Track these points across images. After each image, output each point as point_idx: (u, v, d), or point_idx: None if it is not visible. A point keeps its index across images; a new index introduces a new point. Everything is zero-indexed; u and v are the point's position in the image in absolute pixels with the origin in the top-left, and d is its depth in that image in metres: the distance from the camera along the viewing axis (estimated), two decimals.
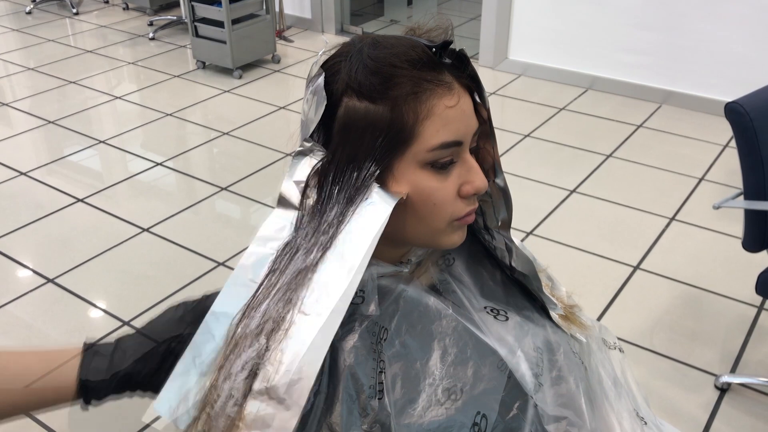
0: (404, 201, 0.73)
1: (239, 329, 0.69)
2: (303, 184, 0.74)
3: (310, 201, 0.73)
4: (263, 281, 0.71)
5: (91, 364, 0.72)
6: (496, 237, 0.86)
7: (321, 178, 0.73)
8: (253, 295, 0.70)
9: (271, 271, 0.71)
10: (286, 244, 0.72)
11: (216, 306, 0.70)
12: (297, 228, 0.73)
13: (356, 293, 0.75)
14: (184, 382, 0.70)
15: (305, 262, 0.70)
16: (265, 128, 3.70)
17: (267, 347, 0.66)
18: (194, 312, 0.74)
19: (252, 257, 0.72)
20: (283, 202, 0.74)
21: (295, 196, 0.74)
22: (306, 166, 0.74)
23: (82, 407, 0.73)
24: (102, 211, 2.98)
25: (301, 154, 0.75)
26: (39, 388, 0.71)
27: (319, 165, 0.73)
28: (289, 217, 0.74)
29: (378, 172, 0.72)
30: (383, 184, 0.73)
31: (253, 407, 0.65)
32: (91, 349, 0.72)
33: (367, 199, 0.71)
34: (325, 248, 0.70)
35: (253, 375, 0.66)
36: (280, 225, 0.74)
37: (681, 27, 3.65)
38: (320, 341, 0.65)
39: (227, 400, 0.65)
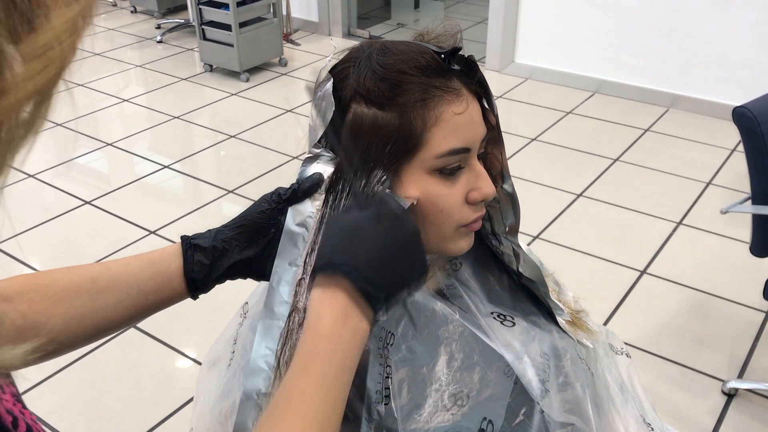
0: (412, 207, 0.73)
1: (282, 361, 0.71)
2: (318, 191, 0.75)
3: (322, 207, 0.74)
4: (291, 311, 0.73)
5: (194, 258, 0.74)
6: (503, 242, 0.86)
7: (330, 185, 0.73)
8: (287, 326, 0.73)
9: (297, 290, 0.73)
10: (305, 260, 0.73)
11: (254, 353, 0.72)
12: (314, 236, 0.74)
13: None
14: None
15: None
16: (272, 131, 3.71)
17: None
18: (288, 201, 0.75)
19: (275, 276, 0.74)
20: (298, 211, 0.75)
21: (307, 205, 0.75)
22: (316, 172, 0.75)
23: (192, 298, 0.77)
24: (109, 214, 2.99)
25: (310, 159, 0.75)
26: (153, 289, 0.73)
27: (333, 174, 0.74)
28: (302, 229, 0.75)
29: (386, 178, 0.72)
30: (391, 190, 0.73)
31: None
32: (191, 245, 0.74)
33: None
34: None
35: None
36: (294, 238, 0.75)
37: (688, 30, 3.65)
38: None
39: None
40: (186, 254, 0.74)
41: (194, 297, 0.76)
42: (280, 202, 0.75)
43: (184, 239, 0.75)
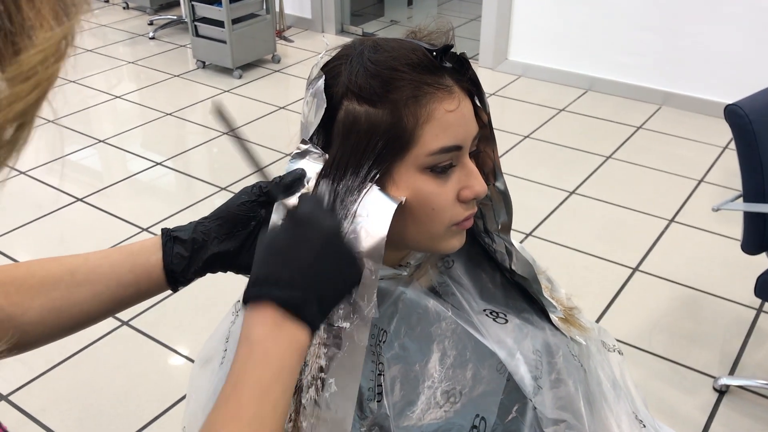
0: (403, 205, 0.72)
1: None
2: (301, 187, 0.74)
3: None
4: None
5: (173, 251, 0.73)
6: (496, 240, 0.86)
7: (320, 182, 0.73)
8: None
9: None
10: None
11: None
12: None
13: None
14: None
15: None
16: (264, 128, 3.70)
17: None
18: (269, 194, 0.74)
19: None
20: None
21: (293, 201, 0.74)
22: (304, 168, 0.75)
23: (173, 290, 0.76)
24: (101, 211, 2.98)
25: (298, 156, 0.75)
26: (132, 281, 0.72)
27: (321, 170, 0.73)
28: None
29: (377, 175, 0.72)
30: (382, 188, 0.72)
31: (306, 422, 0.69)
32: (170, 237, 0.73)
33: (367, 202, 0.71)
34: None
35: (299, 390, 0.69)
36: None
37: (681, 28, 3.66)
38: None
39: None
40: (165, 246, 0.73)
41: (174, 290, 0.75)
42: (261, 194, 0.75)
43: (164, 231, 0.74)
